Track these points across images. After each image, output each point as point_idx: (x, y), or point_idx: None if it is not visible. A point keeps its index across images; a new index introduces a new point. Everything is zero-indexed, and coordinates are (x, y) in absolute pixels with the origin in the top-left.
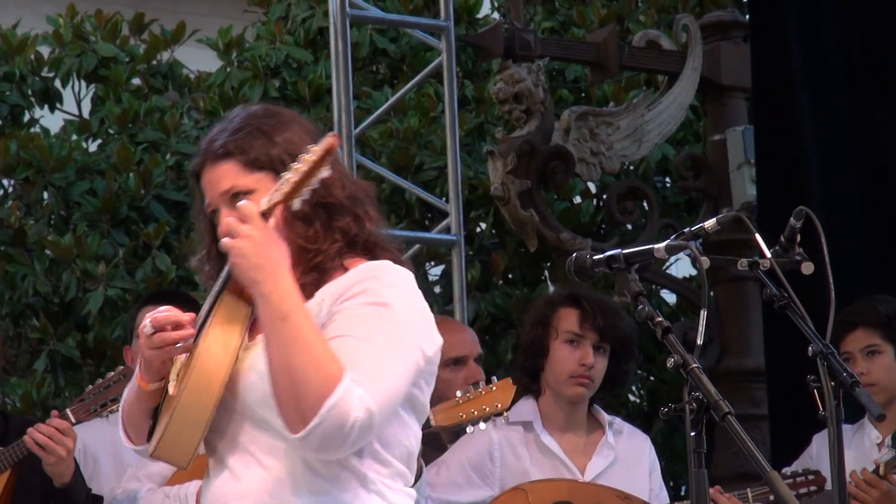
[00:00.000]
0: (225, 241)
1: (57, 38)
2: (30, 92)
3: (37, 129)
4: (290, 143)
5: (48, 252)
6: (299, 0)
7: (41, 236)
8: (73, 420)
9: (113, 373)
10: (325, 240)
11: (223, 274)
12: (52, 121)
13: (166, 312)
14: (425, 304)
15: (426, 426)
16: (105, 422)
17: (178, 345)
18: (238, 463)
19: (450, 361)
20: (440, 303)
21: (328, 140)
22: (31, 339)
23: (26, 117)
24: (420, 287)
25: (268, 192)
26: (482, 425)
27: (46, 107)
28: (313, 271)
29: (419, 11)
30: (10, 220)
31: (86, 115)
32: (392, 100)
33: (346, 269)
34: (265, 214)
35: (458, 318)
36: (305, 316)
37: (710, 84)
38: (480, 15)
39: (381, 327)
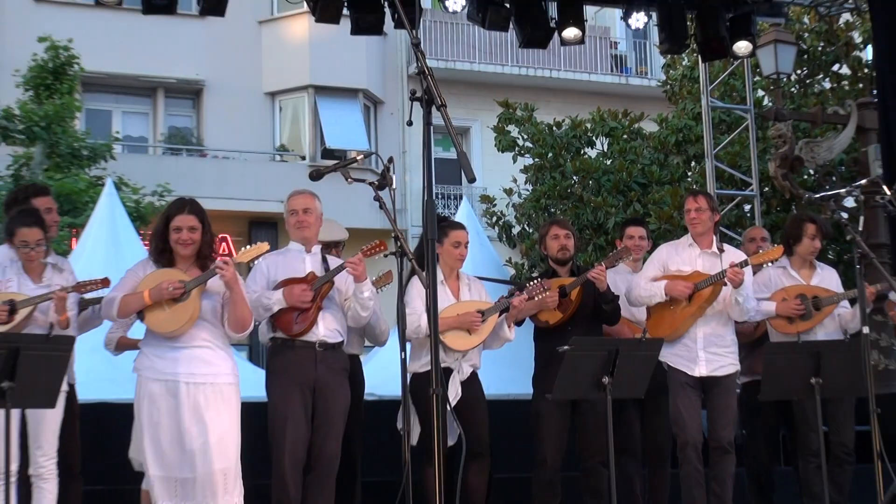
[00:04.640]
0: (224, 271)
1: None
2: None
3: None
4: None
5: None
6: None
7: None
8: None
9: None
10: (208, 253)
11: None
12: None
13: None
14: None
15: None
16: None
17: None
18: (196, 330)
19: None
20: None
21: (259, 247)
22: None
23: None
24: None
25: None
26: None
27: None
28: (206, 259)
29: None
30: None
31: None
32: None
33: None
34: (236, 263)
35: None
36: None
37: None
38: None
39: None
